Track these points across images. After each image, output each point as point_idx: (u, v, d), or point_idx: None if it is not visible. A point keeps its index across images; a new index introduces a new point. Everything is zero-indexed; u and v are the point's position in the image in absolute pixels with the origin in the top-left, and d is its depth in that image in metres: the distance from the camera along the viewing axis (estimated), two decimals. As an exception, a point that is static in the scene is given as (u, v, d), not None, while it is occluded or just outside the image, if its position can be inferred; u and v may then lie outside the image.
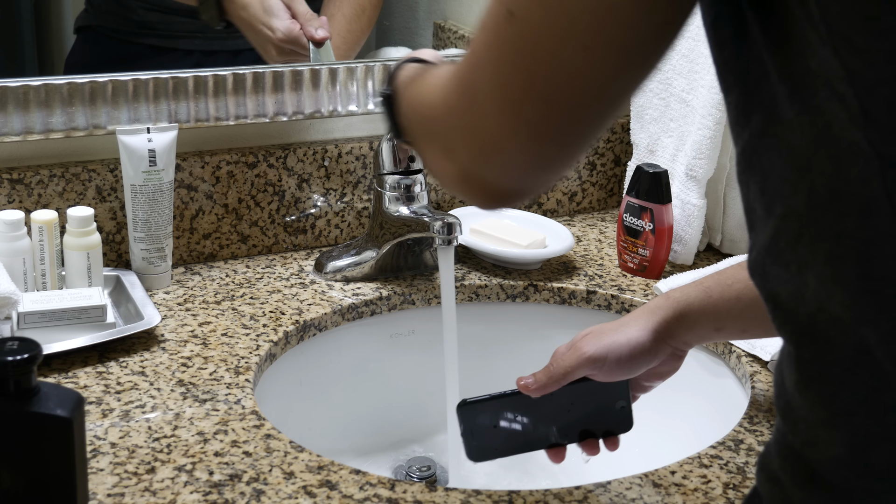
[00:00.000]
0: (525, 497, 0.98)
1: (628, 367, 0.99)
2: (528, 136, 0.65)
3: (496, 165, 0.68)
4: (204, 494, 0.94)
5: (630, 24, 0.61)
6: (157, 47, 1.48)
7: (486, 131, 0.66)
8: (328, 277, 1.36)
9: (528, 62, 0.63)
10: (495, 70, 0.65)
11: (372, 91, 1.44)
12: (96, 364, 1.14)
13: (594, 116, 0.65)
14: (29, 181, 1.28)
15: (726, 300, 0.98)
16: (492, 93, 0.65)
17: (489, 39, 0.65)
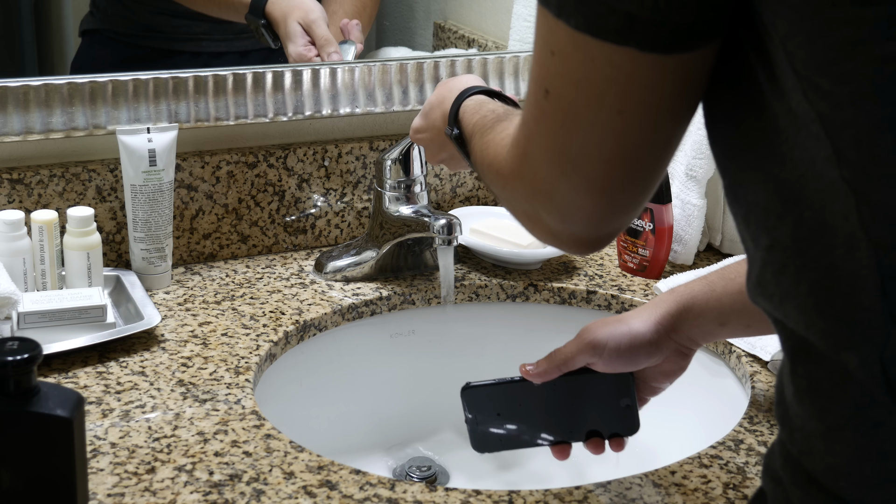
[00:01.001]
0: (525, 497, 0.98)
1: (628, 358, 0.99)
2: (597, 192, 0.69)
3: (578, 221, 0.72)
4: (204, 494, 0.94)
5: (653, 86, 0.64)
6: (165, 50, 1.48)
7: (558, 194, 0.71)
8: (328, 277, 1.36)
9: (572, 131, 0.67)
10: (547, 141, 0.70)
11: (372, 91, 1.44)
12: (96, 364, 1.14)
13: (647, 164, 0.69)
14: (29, 181, 1.28)
15: (730, 294, 0.98)
16: (550, 160, 0.70)
17: (535, 115, 0.70)
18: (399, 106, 1.46)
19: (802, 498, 0.64)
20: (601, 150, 0.67)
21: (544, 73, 0.68)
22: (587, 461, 1.25)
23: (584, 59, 0.64)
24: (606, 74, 0.64)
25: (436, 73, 1.48)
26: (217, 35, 1.47)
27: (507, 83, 1.52)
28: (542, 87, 0.68)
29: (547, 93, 0.68)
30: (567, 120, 0.67)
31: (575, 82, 0.66)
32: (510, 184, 0.78)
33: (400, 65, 1.46)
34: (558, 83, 0.67)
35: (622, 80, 0.64)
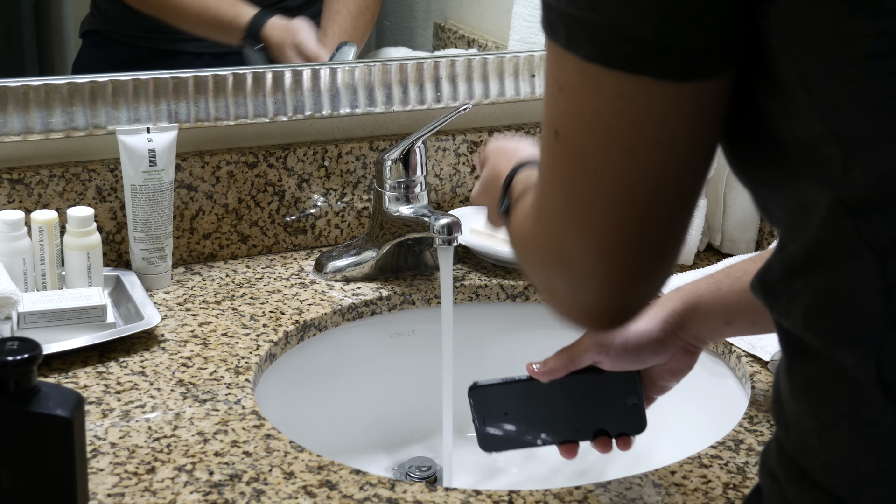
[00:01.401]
0: (525, 497, 0.98)
1: (635, 355, 0.98)
2: (609, 251, 0.65)
3: (592, 288, 0.67)
4: (204, 494, 0.94)
5: (666, 120, 0.61)
6: (167, 51, 1.48)
7: (569, 255, 0.67)
8: (328, 277, 1.36)
9: (582, 176, 0.64)
10: (558, 189, 0.66)
11: (372, 91, 1.44)
12: (96, 364, 1.14)
13: (663, 216, 0.65)
14: (29, 181, 1.28)
15: (736, 292, 0.98)
16: (562, 214, 0.66)
17: (547, 161, 0.67)
18: (399, 106, 1.46)
19: (797, 494, 0.64)
20: (611, 198, 0.63)
21: (554, 112, 0.65)
22: (587, 461, 1.25)
23: (594, 93, 0.62)
24: (616, 108, 0.61)
25: (436, 73, 1.48)
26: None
27: (507, 83, 1.52)
28: (552, 128, 0.65)
29: (557, 134, 0.64)
30: (577, 164, 0.64)
31: (584, 120, 0.63)
32: (529, 249, 0.74)
33: (400, 65, 1.46)
34: (567, 122, 0.64)
35: (633, 114, 0.61)
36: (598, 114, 0.62)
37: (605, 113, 0.62)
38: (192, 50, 1.48)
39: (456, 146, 1.51)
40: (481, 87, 1.51)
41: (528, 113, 1.59)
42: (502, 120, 1.57)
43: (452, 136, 1.51)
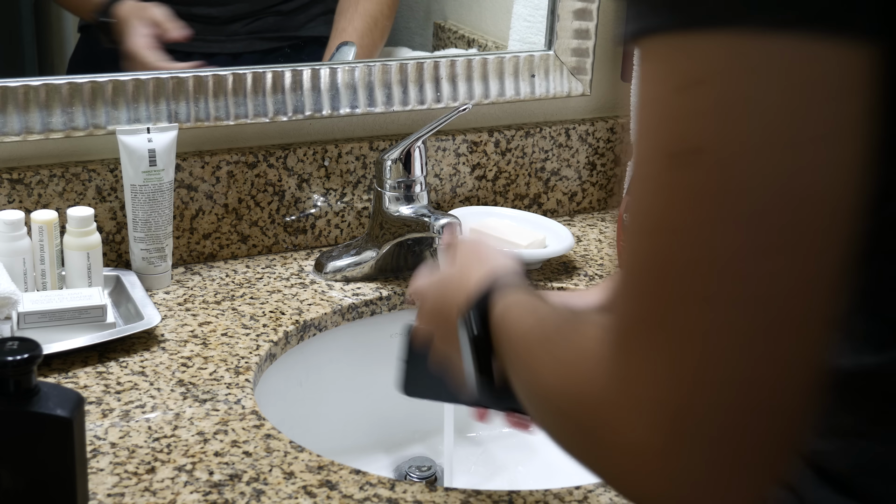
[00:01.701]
0: (525, 497, 0.98)
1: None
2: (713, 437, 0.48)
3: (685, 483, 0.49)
4: (204, 494, 0.94)
5: (840, 97, 0.48)
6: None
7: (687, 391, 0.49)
8: (328, 277, 1.36)
9: (736, 196, 0.47)
10: (689, 238, 0.48)
11: (372, 91, 1.44)
12: (96, 364, 1.14)
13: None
14: (29, 181, 1.28)
15: None
16: (689, 296, 0.49)
17: (667, 202, 0.49)
18: (399, 106, 1.46)
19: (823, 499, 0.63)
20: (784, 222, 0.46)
21: (683, 125, 0.48)
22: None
23: (755, 72, 0.47)
24: (784, 86, 0.46)
25: (436, 73, 1.48)
26: (209, 36, 1.48)
27: (507, 83, 1.52)
28: (682, 147, 0.48)
29: (697, 151, 0.47)
30: (730, 181, 0.47)
31: (738, 114, 0.47)
32: (599, 409, 0.52)
33: (400, 65, 1.46)
34: (714, 126, 0.47)
35: (803, 91, 0.46)
36: (757, 100, 0.47)
37: (771, 95, 0.47)
38: (181, 48, 1.47)
39: (456, 146, 1.51)
40: (481, 87, 1.51)
41: (528, 113, 1.59)
42: (502, 120, 1.57)
43: (452, 136, 1.51)
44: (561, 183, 1.61)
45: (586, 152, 1.61)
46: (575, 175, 1.62)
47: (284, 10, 1.52)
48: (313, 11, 1.53)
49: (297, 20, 1.53)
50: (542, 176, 1.59)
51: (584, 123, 1.61)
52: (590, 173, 1.63)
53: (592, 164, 1.62)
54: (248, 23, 1.50)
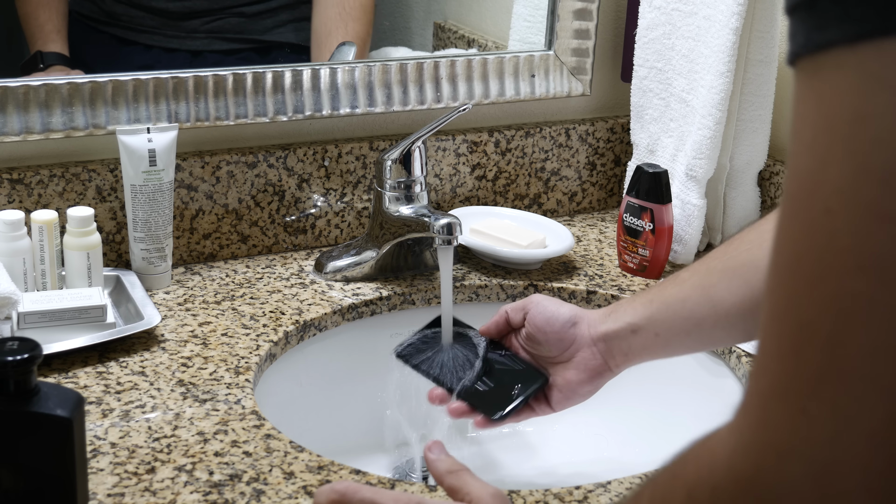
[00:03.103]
0: (525, 497, 0.98)
1: (547, 321, 1.06)
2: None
3: None
4: (204, 494, 0.94)
5: None
6: (121, 38, 1.49)
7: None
8: (328, 277, 1.36)
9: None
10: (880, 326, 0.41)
11: (372, 91, 1.44)
12: (96, 364, 1.14)
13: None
14: (29, 181, 1.28)
15: (660, 302, 1.03)
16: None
17: (858, 262, 0.42)
18: (399, 106, 1.46)
19: None
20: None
21: (870, 157, 0.40)
22: (588, 461, 1.25)
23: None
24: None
25: (436, 73, 1.48)
26: (168, 31, 1.48)
27: (507, 83, 1.52)
28: (884, 177, 0.40)
29: (886, 184, 0.39)
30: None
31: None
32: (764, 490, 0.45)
33: (400, 65, 1.46)
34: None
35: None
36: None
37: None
38: (143, 42, 1.49)
39: (456, 146, 1.51)
40: (481, 87, 1.51)
41: (527, 113, 1.59)
42: (502, 120, 1.57)
43: (452, 136, 1.51)
44: (561, 183, 1.61)
45: (586, 152, 1.61)
46: (575, 175, 1.62)
47: (248, 12, 1.51)
48: (281, 17, 1.53)
49: (262, 24, 1.52)
50: (542, 176, 1.59)
51: (584, 123, 1.61)
52: (590, 173, 1.63)
53: (592, 164, 1.62)
54: (208, 21, 1.49)
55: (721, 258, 1.01)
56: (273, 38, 1.53)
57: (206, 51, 1.48)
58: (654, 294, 1.05)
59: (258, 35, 1.52)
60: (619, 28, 1.62)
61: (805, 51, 0.43)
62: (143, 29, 1.49)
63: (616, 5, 1.61)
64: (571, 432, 1.34)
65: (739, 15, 1.34)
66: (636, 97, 1.52)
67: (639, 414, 1.31)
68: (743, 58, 1.41)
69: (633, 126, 1.54)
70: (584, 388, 1.07)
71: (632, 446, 1.09)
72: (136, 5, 1.48)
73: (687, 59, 1.44)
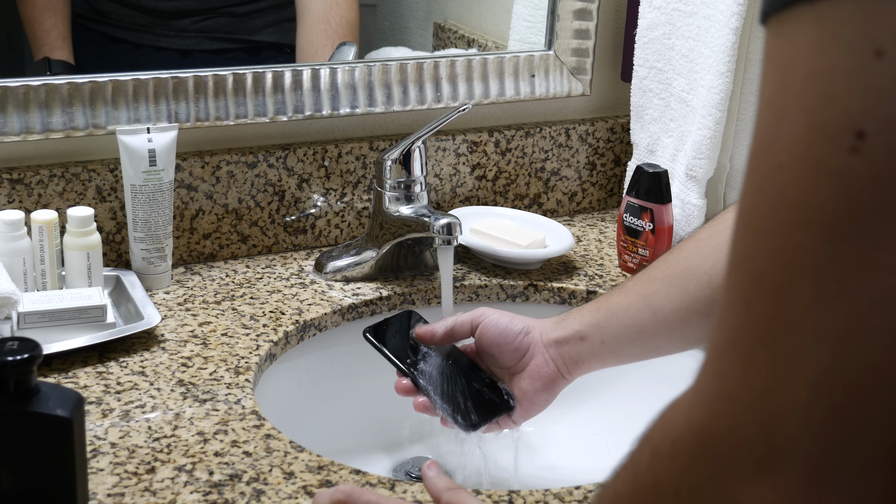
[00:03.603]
0: (525, 497, 0.98)
1: (498, 334, 1.08)
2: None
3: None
4: (204, 494, 0.94)
5: None
6: (111, 37, 1.49)
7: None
8: (328, 277, 1.36)
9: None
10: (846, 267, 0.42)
11: (372, 91, 1.44)
12: (96, 364, 1.14)
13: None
14: (29, 181, 1.28)
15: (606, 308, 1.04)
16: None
17: (815, 214, 0.43)
18: (399, 106, 1.46)
19: None
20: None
21: (840, 107, 0.41)
22: (587, 461, 1.25)
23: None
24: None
25: (436, 73, 1.48)
26: (158, 30, 1.48)
27: (507, 83, 1.52)
28: (830, 133, 0.41)
29: (860, 136, 0.41)
30: (886, 183, 0.40)
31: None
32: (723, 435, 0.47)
33: (400, 65, 1.46)
34: (886, 107, 0.40)
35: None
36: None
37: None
38: (132, 40, 1.49)
39: (456, 146, 1.51)
40: (481, 87, 1.51)
41: (527, 113, 1.59)
42: (502, 120, 1.57)
43: (452, 136, 1.51)
44: (561, 183, 1.61)
45: (586, 152, 1.61)
46: (575, 175, 1.62)
47: (237, 12, 1.51)
48: (270, 17, 1.53)
49: (251, 24, 1.52)
50: (542, 176, 1.59)
51: (584, 123, 1.61)
52: (590, 173, 1.63)
53: (592, 164, 1.62)
54: (198, 20, 1.49)
55: (661, 267, 1.04)
56: (262, 39, 1.53)
57: (195, 50, 1.48)
58: (601, 302, 1.07)
59: (247, 35, 1.52)
60: (619, 28, 1.62)
61: (771, 8, 0.44)
62: (133, 27, 1.49)
63: (616, 5, 1.61)
64: (571, 432, 1.34)
65: (739, 15, 1.34)
66: (636, 97, 1.52)
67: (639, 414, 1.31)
68: (743, 58, 1.41)
69: (633, 126, 1.54)
70: (541, 397, 1.09)
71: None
72: (127, 4, 1.48)
73: (687, 59, 1.44)
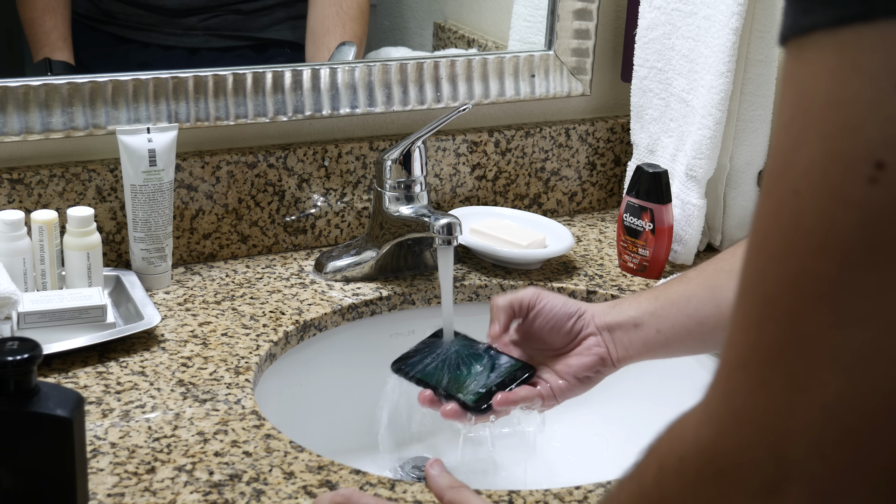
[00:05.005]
0: (525, 497, 0.98)
1: (555, 323, 1.06)
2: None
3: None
4: (204, 494, 0.94)
5: None
6: (119, 37, 1.49)
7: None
8: (328, 277, 1.36)
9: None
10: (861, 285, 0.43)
11: (372, 91, 1.44)
12: (96, 364, 1.14)
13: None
14: (29, 181, 1.28)
15: (664, 302, 1.03)
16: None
17: (839, 242, 0.43)
18: (399, 106, 1.46)
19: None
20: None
21: (861, 136, 0.41)
22: (587, 461, 1.25)
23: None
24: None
25: (436, 73, 1.48)
26: (166, 29, 1.48)
27: (507, 83, 1.52)
28: (848, 163, 0.41)
29: (879, 167, 0.41)
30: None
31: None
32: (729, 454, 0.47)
33: (400, 65, 1.46)
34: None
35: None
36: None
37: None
38: (140, 39, 1.49)
39: (456, 146, 1.51)
40: (481, 87, 1.51)
41: (527, 113, 1.59)
42: (502, 120, 1.57)
43: (452, 136, 1.51)
44: (561, 183, 1.61)
45: (586, 152, 1.61)
46: (575, 175, 1.62)
47: (244, 9, 1.51)
48: (278, 15, 1.53)
49: (259, 21, 1.52)
50: (542, 176, 1.59)
51: (584, 123, 1.61)
52: (590, 173, 1.63)
53: (592, 164, 1.62)
54: (205, 18, 1.50)
55: (729, 259, 1.02)
56: (270, 36, 1.53)
57: (203, 48, 1.48)
58: (660, 291, 1.05)
59: (255, 32, 1.52)
60: (619, 28, 1.62)
61: (791, 33, 0.44)
62: (141, 26, 1.49)
63: (616, 5, 1.61)
64: (571, 432, 1.34)
65: (739, 15, 1.34)
66: (636, 97, 1.52)
67: (639, 414, 1.31)
68: (743, 58, 1.41)
69: (633, 126, 1.54)
70: (587, 373, 1.06)
71: (632, 446, 1.09)
72: (134, 3, 1.48)
73: (687, 59, 1.44)
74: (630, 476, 0.56)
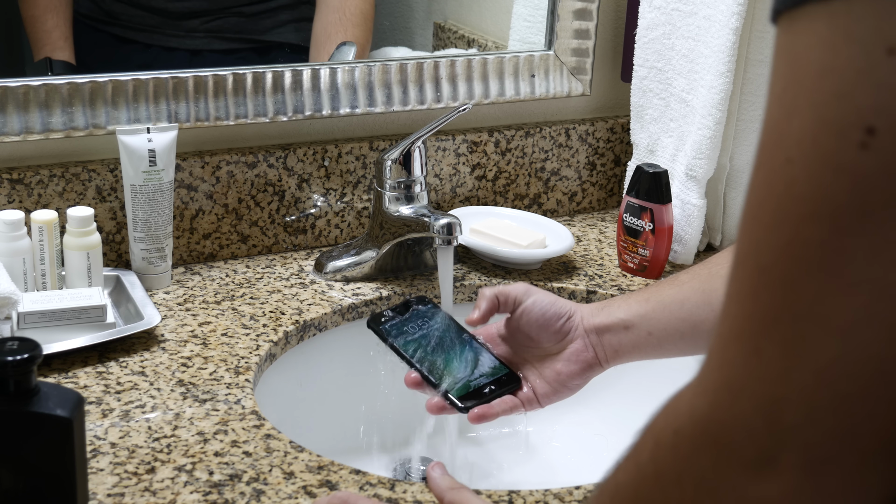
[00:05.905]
0: (525, 497, 0.98)
1: (543, 314, 1.06)
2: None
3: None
4: (204, 494, 0.94)
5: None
6: (120, 38, 1.49)
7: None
8: (328, 277, 1.36)
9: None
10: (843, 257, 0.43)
11: (372, 91, 1.44)
12: (96, 364, 1.14)
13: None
14: (29, 181, 1.28)
15: (655, 304, 1.03)
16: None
17: (820, 208, 0.43)
18: (399, 106, 1.46)
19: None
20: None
21: (853, 103, 0.42)
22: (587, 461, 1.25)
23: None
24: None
25: (436, 73, 1.48)
26: (168, 30, 1.48)
27: (507, 83, 1.52)
28: (840, 129, 0.42)
29: (871, 132, 0.41)
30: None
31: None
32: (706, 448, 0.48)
33: (400, 65, 1.46)
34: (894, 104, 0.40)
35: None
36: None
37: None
38: (142, 40, 1.49)
39: (456, 146, 1.51)
40: (481, 87, 1.51)
41: (528, 113, 1.59)
42: (502, 120, 1.57)
43: (452, 136, 1.51)
44: (561, 183, 1.61)
45: (586, 152, 1.61)
46: (575, 175, 1.62)
47: (247, 11, 1.51)
48: (281, 17, 1.53)
49: (261, 24, 1.52)
50: (542, 176, 1.59)
51: (584, 123, 1.61)
52: (590, 173, 1.63)
53: (592, 164, 1.62)
54: (207, 20, 1.50)
55: (724, 264, 1.02)
56: (272, 39, 1.53)
57: (205, 50, 1.48)
58: (650, 293, 1.05)
59: (257, 35, 1.52)
60: (619, 28, 1.62)
61: (783, 6, 0.45)
62: (143, 28, 1.49)
63: (616, 5, 1.61)
64: (571, 432, 1.34)
65: (739, 15, 1.34)
66: (636, 97, 1.52)
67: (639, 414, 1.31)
68: (743, 58, 1.41)
69: (633, 126, 1.54)
70: (574, 381, 1.07)
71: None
72: (136, 4, 1.48)
73: (687, 59, 1.44)
74: (627, 455, 0.57)
